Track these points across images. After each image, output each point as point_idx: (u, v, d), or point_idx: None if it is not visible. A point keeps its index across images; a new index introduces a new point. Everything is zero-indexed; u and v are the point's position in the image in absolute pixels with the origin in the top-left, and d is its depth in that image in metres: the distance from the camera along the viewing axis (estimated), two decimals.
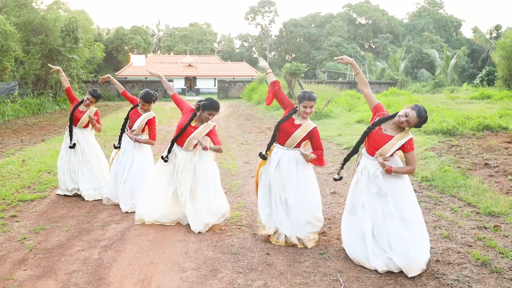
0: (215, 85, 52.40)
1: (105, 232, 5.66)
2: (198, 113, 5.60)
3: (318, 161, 5.14)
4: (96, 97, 7.34)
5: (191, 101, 7.50)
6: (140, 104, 6.78)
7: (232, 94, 44.39)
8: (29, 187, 7.97)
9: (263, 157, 5.33)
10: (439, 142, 11.72)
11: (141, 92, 6.77)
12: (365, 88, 4.84)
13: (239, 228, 5.77)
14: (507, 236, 5.32)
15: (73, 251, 5.03)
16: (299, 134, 5.11)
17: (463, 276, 4.32)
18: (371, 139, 4.66)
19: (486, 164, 9.12)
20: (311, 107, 5.14)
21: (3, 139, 14.17)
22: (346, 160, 4.93)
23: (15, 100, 23.75)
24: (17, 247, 5.18)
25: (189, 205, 5.71)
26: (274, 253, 4.94)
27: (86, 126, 7.44)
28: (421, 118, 4.47)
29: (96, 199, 7.19)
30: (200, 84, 54.91)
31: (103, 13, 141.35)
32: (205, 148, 5.41)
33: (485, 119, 14.40)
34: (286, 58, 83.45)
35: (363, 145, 4.85)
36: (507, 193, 7.11)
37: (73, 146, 7.25)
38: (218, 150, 5.62)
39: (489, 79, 42.59)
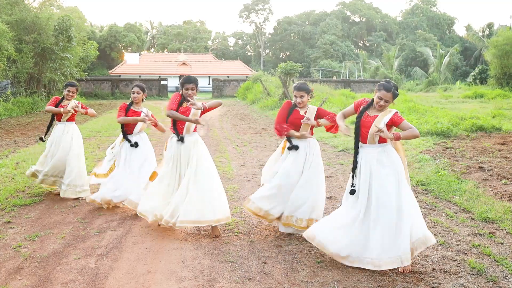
0: (209, 84, 52.36)
1: (101, 240, 5.64)
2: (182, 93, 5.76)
3: (332, 119, 5.49)
4: (72, 85, 7.58)
5: None
6: (139, 95, 6.80)
7: (227, 93, 44.36)
8: (23, 191, 7.93)
9: (296, 148, 5.57)
10: (433, 144, 11.76)
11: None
12: (343, 117, 5.13)
13: (236, 235, 5.77)
14: (501, 243, 5.35)
15: (69, 260, 5.01)
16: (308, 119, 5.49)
17: (459, 286, 4.33)
18: (362, 128, 4.78)
19: (480, 167, 9.17)
20: (301, 97, 5.60)
21: None
22: (354, 168, 4.86)
23: (8, 99, 23.63)
24: (12, 255, 5.15)
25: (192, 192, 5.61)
26: (272, 262, 4.94)
27: (70, 119, 7.54)
28: (390, 89, 4.70)
29: (72, 196, 7.31)
30: None
31: (96, 10, 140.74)
32: (199, 108, 5.50)
33: (479, 120, 14.48)
34: (281, 56, 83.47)
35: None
36: (501, 197, 7.16)
37: (42, 140, 7.69)
38: (217, 104, 5.78)
39: (482, 78, 42.81)
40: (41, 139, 7.70)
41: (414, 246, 4.58)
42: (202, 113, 5.69)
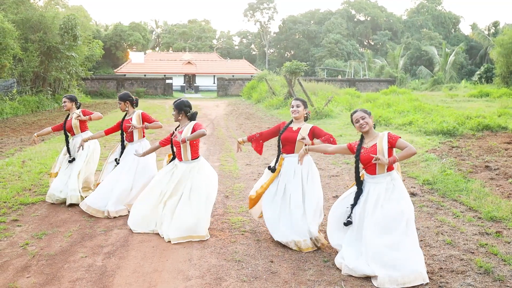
0: (214, 83, 52.40)
1: (108, 238, 5.66)
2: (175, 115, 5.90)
3: (328, 140, 5.35)
4: (70, 99, 7.51)
5: (190, 98, 7.56)
6: (120, 105, 6.99)
7: (232, 92, 44.35)
8: (30, 189, 7.96)
9: (273, 170, 5.54)
10: (439, 143, 11.72)
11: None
12: (328, 148, 5.15)
13: (242, 234, 5.78)
14: (509, 243, 5.33)
15: (77, 258, 5.03)
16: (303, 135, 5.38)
17: (466, 285, 4.32)
18: (365, 161, 4.79)
19: (487, 166, 9.13)
20: (297, 106, 5.55)
21: (2, 139, 14.16)
22: (355, 204, 4.86)
23: (14, 97, 23.72)
24: (20, 253, 5.17)
25: (178, 210, 5.63)
26: (278, 261, 4.94)
27: (83, 129, 7.46)
28: (360, 109, 4.90)
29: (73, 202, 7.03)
30: (199, 82, 54.87)
31: (101, 8, 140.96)
32: (182, 141, 5.58)
33: (485, 119, 14.41)
34: (285, 55, 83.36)
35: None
36: (508, 197, 7.12)
37: (73, 160, 7.30)
38: (199, 135, 5.62)
39: (487, 76, 42.58)
40: (70, 161, 7.31)
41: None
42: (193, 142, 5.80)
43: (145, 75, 48.96)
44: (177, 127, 5.98)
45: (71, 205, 7.00)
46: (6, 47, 21.68)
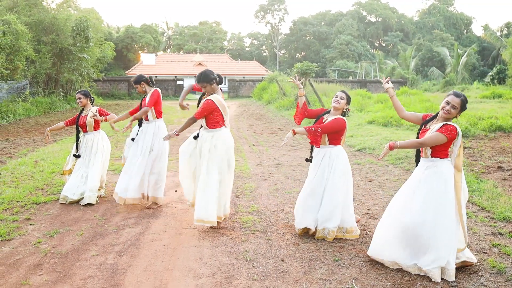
0: (225, 84, 52.46)
1: (119, 237, 5.69)
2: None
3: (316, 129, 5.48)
4: (84, 94, 7.58)
5: None
6: (137, 88, 7.23)
7: (243, 93, 44.37)
8: (42, 189, 8.02)
9: (310, 160, 5.73)
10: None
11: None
12: (402, 112, 5.05)
13: (253, 233, 5.77)
14: None
15: (88, 256, 5.06)
16: None
17: (479, 285, 4.29)
18: (421, 137, 4.72)
19: (499, 167, 9.05)
20: (341, 98, 5.64)
21: (15, 139, 14.28)
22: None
23: (26, 99, 23.95)
24: (32, 251, 5.22)
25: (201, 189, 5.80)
26: (289, 260, 4.94)
27: (96, 127, 7.53)
28: (461, 96, 4.57)
29: (90, 202, 7.10)
30: None
31: (112, 11, 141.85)
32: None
33: (497, 120, 14.27)
34: (296, 57, 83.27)
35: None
36: None
37: (78, 156, 7.46)
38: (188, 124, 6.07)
39: (500, 78, 42.19)
40: (75, 156, 7.50)
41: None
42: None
43: (156, 77, 49.12)
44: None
45: (85, 204, 7.06)
46: (19, 49, 21.86)
